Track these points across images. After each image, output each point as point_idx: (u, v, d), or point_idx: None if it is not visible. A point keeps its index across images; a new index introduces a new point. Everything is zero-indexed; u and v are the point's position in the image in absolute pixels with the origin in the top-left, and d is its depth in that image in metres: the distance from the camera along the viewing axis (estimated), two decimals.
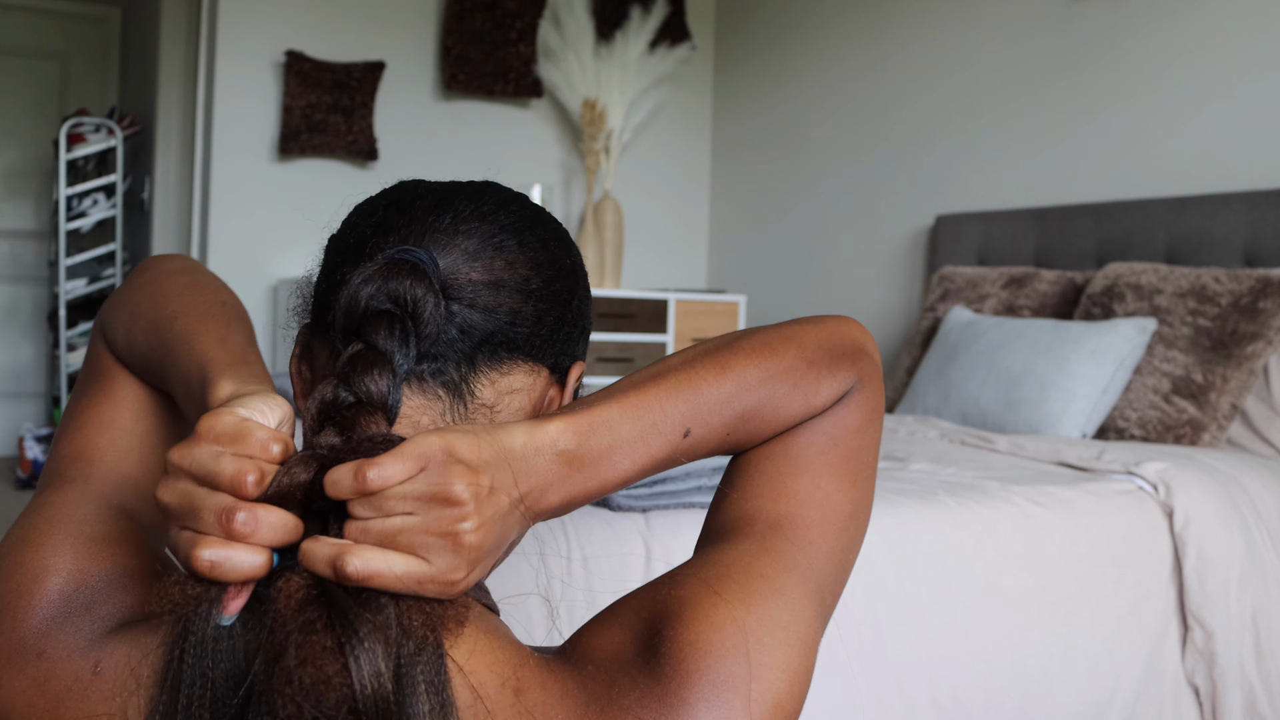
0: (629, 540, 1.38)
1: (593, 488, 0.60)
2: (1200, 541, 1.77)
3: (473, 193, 0.67)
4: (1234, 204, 2.53)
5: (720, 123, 4.43)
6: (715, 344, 0.67)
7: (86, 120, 4.25)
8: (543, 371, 0.66)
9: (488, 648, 0.57)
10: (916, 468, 1.92)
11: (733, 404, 0.65)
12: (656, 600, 0.60)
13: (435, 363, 0.62)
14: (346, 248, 0.65)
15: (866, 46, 3.71)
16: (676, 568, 0.63)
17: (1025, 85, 3.15)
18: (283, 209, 3.70)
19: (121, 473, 0.69)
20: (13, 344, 4.99)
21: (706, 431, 0.64)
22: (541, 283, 0.65)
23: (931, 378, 2.69)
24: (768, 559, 0.63)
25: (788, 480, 0.68)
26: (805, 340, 0.69)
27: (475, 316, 0.62)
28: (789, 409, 0.67)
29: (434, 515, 0.52)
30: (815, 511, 0.67)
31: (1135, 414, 2.34)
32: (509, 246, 0.65)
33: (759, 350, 0.67)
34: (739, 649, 0.57)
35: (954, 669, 1.55)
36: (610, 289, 3.87)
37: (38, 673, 0.58)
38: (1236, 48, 2.65)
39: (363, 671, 0.50)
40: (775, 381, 0.66)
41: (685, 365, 0.65)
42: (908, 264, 3.54)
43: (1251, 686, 1.79)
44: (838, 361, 0.70)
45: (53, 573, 0.61)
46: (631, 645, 0.58)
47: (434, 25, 3.94)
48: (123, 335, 0.72)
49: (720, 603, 0.58)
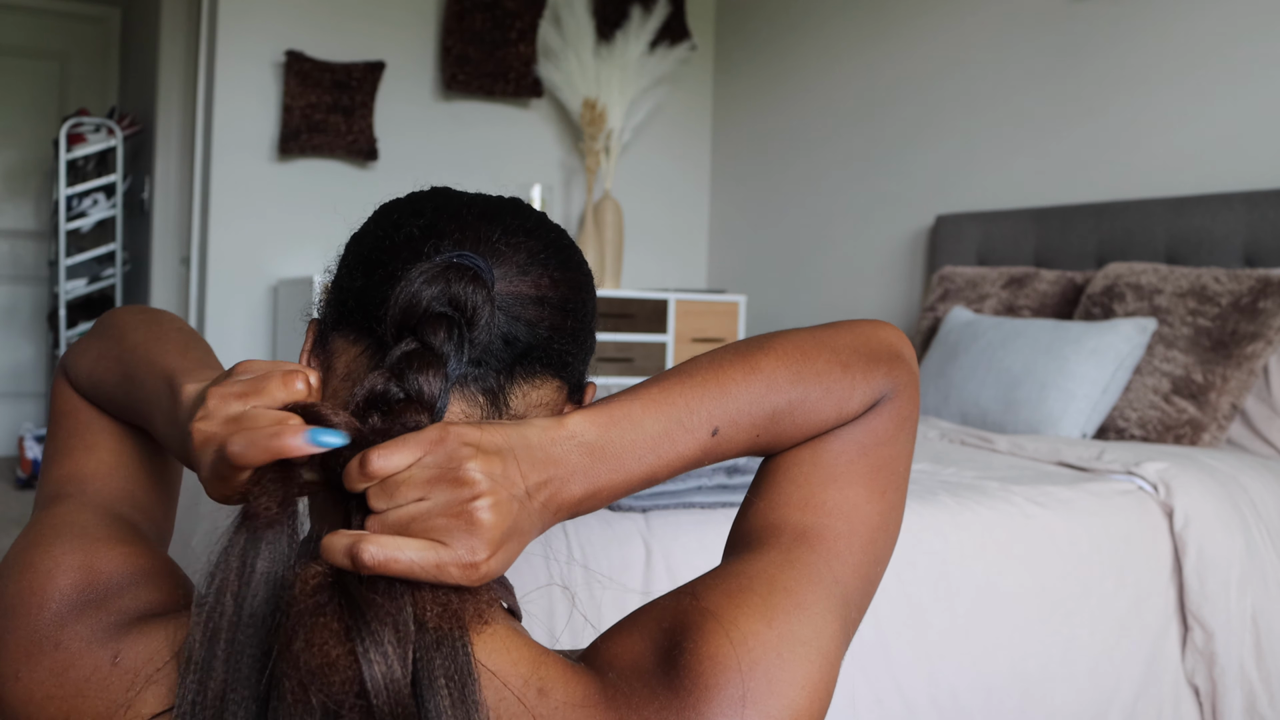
0: (629, 540, 1.38)
1: (618, 480, 0.60)
2: (1200, 541, 1.77)
3: (514, 209, 0.68)
4: (1234, 204, 2.53)
5: (720, 123, 4.43)
6: (746, 344, 0.67)
7: (86, 120, 4.25)
8: (565, 389, 0.67)
9: (512, 645, 0.57)
10: (916, 468, 1.92)
11: (762, 404, 0.64)
12: (679, 611, 0.59)
13: (478, 369, 0.63)
14: (392, 246, 0.64)
15: (866, 46, 3.71)
16: (699, 578, 0.63)
17: (1025, 85, 3.15)
18: (283, 209, 3.70)
19: (115, 487, 0.71)
20: (13, 344, 4.99)
21: (735, 431, 0.64)
22: (578, 303, 0.67)
23: (931, 378, 2.69)
24: (792, 572, 0.62)
25: (816, 490, 0.67)
26: (839, 344, 0.68)
27: (520, 329, 0.63)
28: (820, 413, 0.67)
29: (446, 497, 0.53)
30: (843, 523, 0.67)
31: (1135, 414, 2.34)
32: (554, 264, 0.66)
33: (791, 352, 0.66)
34: (759, 664, 0.57)
35: (954, 669, 1.55)
36: (610, 289, 3.87)
37: (55, 663, 0.59)
38: (1236, 48, 2.65)
39: (369, 657, 0.50)
40: (806, 384, 0.66)
41: (714, 364, 0.65)
42: (908, 264, 3.54)
43: (1251, 686, 1.79)
44: (872, 367, 0.69)
45: (64, 569, 0.62)
46: (652, 655, 0.58)
47: (434, 25, 3.94)
48: (86, 376, 0.74)
49: (741, 617, 0.58)
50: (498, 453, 0.55)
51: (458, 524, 0.52)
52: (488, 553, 0.53)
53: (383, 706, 0.50)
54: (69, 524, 0.66)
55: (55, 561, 0.62)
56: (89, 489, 0.70)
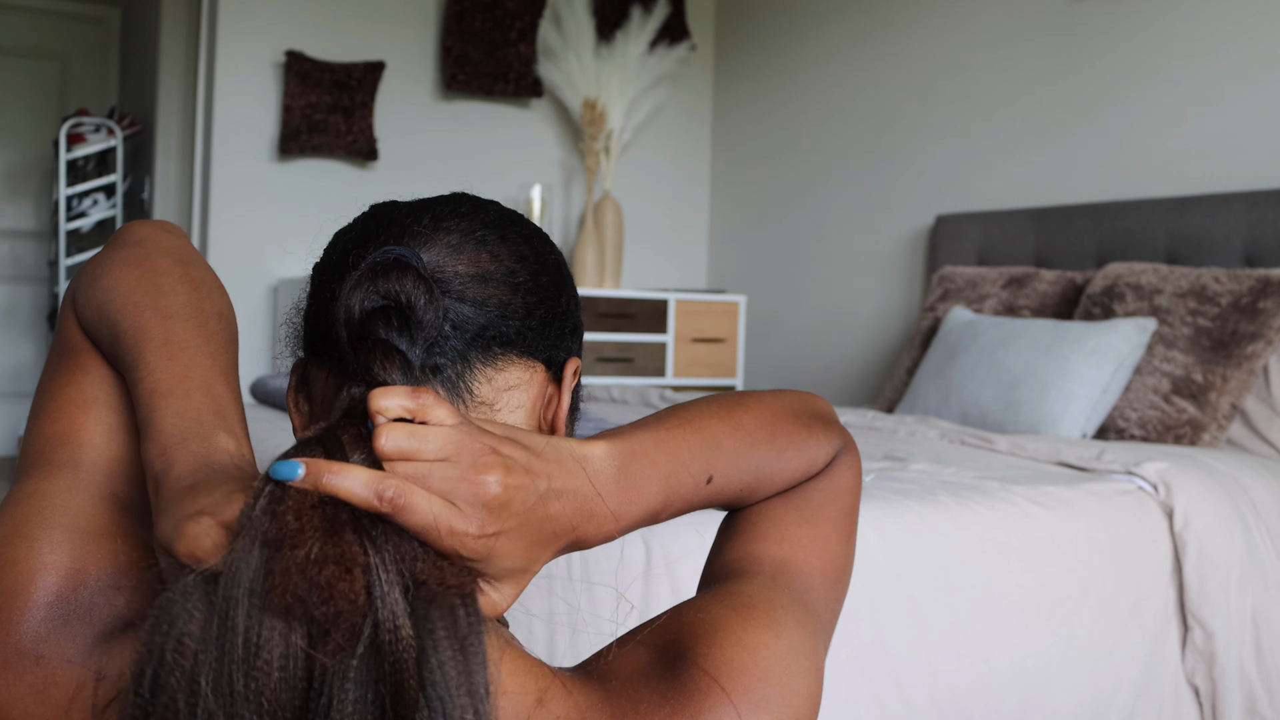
0: (629, 540, 1.38)
1: (635, 513, 0.60)
2: (1200, 541, 1.77)
3: (448, 198, 0.67)
4: (1234, 204, 2.53)
5: (720, 123, 4.43)
6: (720, 401, 0.69)
7: (86, 120, 4.25)
8: (538, 368, 0.66)
9: (506, 655, 0.55)
10: (916, 468, 1.92)
11: (748, 459, 0.67)
12: (683, 623, 0.60)
13: (433, 359, 0.61)
14: (331, 267, 0.65)
15: (866, 47, 3.71)
16: (695, 598, 0.63)
17: (1025, 85, 3.15)
18: (283, 209, 3.70)
19: (111, 455, 0.63)
20: (13, 344, 4.99)
21: (725, 483, 0.66)
22: (528, 276, 0.65)
23: (931, 378, 2.69)
24: (783, 595, 0.64)
25: (791, 527, 0.70)
26: (795, 408, 0.72)
27: (465, 310, 0.62)
28: (793, 468, 0.70)
29: (469, 462, 0.51)
30: (816, 560, 0.69)
31: (1135, 414, 2.34)
32: (491, 240, 0.64)
33: (763, 413, 0.69)
34: (772, 671, 0.58)
35: (954, 669, 1.55)
36: (610, 289, 3.87)
37: (36, 679, 0.55)
38: (1236, 48, 2.65)
39: (384, 591, 0.47)
40: (780, 442, 0.69)
41: (700, 416, 0.66)
42: (908, 264, 3.54)
43: (1251, 686, 1.79)
44: (826, 426, 0.74)
45: (49, 570, 0.57)
46: (657, 663, 0.57)
47: (434, 25, 3.94)
48: (94, 310, 0.65)
49: (751, 627, 0.59)
50: (529, 447, 0.55)
51: (475, 492, 0.51)
52: (497, 528, 0.51)
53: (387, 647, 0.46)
54: (59, 510, 0.60)
55: (41, 561, 0.57)
56: (83, 458, 0.62)
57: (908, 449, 2.10)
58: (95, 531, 0.59)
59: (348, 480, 0.48)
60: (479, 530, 0.51)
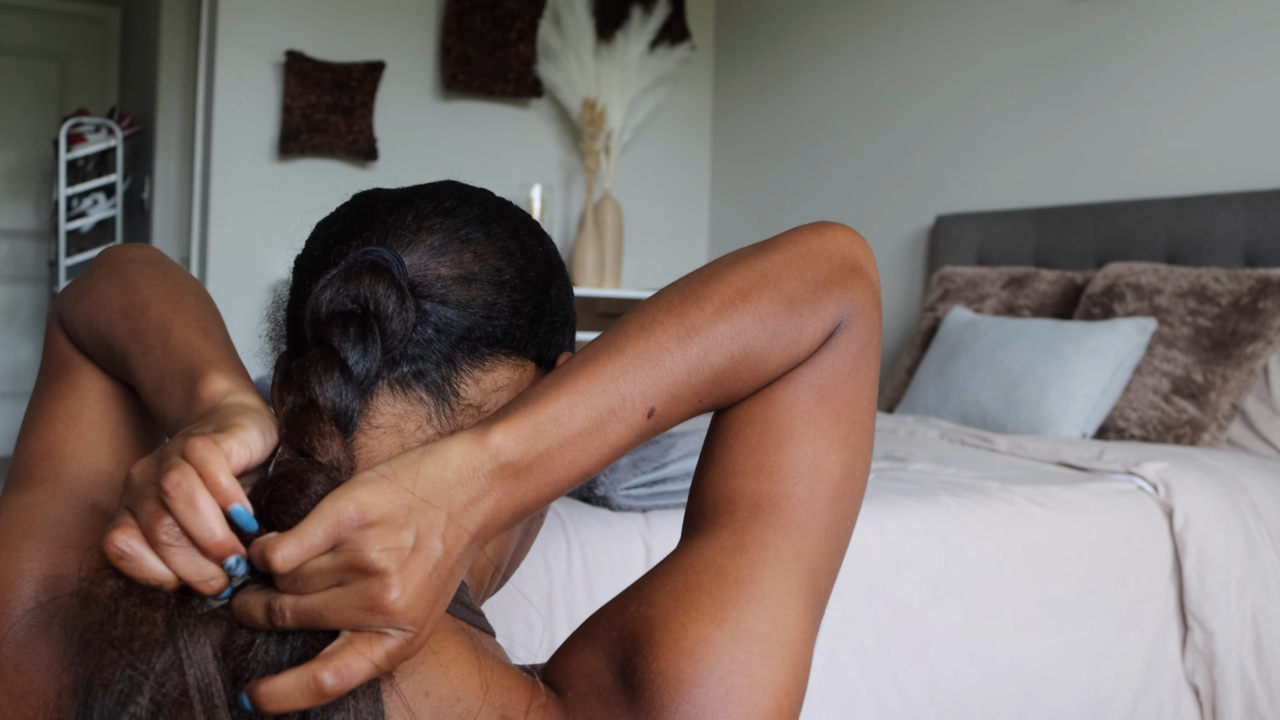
0: (629, 540, 1.38)
1: (545, 494, 0.55)
2: (1200, 541, 1.78)
3: (433, 191, 0.65)
4: (1234, 204, 2.53)
5: (720, 123, 4.43)
6: (679, 294, 0.60)
7: (86, 120, 4.25)
8: (528, 365, 0.64)
9: (463, 672, 0.54)
10: (916, 468, 1.92)
11: (701, 370, 0.58)
12: (627, 619, 0.56)
13: (415, 365, 0.60)
14: (311, 262, 0.64)
15: (866, 46, 3.71)
16: (648, 575, 0.59)
17: (1025, 85, 3.16)
18: (283, 209, 3.70)
19: (93, 468, 0.65)
20: (13, 344, 4.99)
21: (674, 404, 0.58)
22: (515, 272, 0.63)
23: (931, 378, 2.69)
24: (744, 558, 0.57)
25: (770, 453, 0.60)
26: (784, 275, 0.60)
27: (449, 313, 0.60)
28: (769, 363, 0.60)
29: (357, 588, 0.49)
30: (803, 487, 0.60)
31: (1135, 414, 2.34)
32: (476, 238, 0.62)
33: (729, 298, 0.59)
34: (713, 673, 0.53)
35: (954, 669, 1.55)
36: (610, 289, 3.87)
37: (15, 687, 0.54)
38: (1236, 48, 2.65)
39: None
40: (749, 335, 0.58)
41: (644, 330, 0.58)
42: (908, 264, 3.54)
43: (1251, 686, 1.79)
44: (822, 294, 0.61)
45: (27, 578, 0.57)
46: (609, 672, 0.54)
47: (434, 25, 3.94)
48: (84, 325, 0.67)
49: (690, 621, 0.54)
50: (399, 521, 0.50)
51: (375, 619, 0.49)
52: (416, 629, 0.50)
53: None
54: (39, 521, 0.60)
55: (19, 570, 0.57)
56: (65, 472, 0.64)
57: (908, 449, 2.10)
58: (74, 541, 0.59)
59: (281, 693, 0.49)
60: (418, 631, 0.50)
